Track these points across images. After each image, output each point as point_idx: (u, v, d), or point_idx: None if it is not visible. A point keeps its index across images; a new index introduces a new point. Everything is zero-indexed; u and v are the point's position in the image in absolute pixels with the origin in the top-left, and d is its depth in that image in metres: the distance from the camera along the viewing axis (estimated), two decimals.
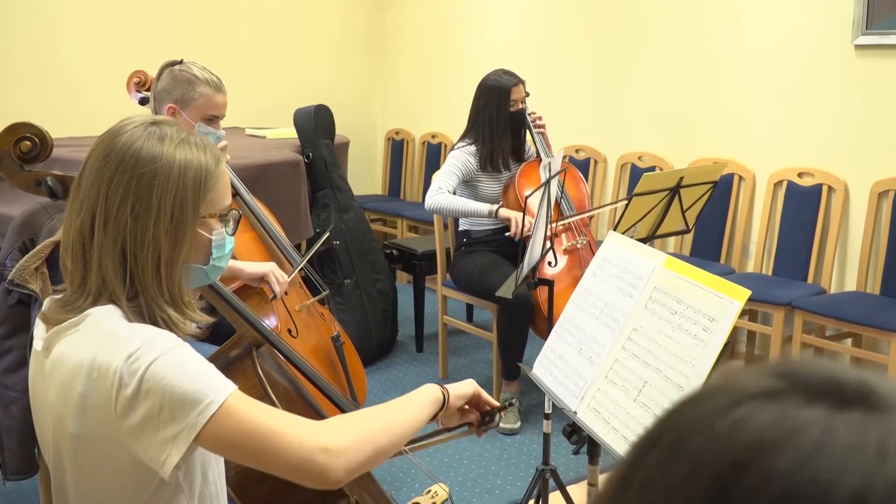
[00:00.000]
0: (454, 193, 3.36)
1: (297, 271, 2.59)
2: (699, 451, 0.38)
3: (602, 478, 2.14)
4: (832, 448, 0.35)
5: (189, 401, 1.08)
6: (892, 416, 0.37)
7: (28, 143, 1.33)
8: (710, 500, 0.36)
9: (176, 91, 2.24)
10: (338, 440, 1.12)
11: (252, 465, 1.14)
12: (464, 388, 1.38)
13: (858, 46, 3.46)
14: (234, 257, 2.40)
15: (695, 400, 0.41)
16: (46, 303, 1.25)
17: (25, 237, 2.24)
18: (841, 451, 0.35)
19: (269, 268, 2.39)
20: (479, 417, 1.43)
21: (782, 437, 0.36)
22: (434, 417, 1.32)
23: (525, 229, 3.02)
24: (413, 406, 1.27)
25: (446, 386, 1.35)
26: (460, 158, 3.38)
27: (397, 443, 1.21)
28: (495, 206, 3.27)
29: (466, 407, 1.41)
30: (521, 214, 3.08)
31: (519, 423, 3.26)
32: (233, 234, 1.29)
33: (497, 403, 1.44)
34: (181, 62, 2.28)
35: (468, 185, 3.44)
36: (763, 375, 0.40)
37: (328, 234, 3.20)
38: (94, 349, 1.12)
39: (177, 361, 1.10)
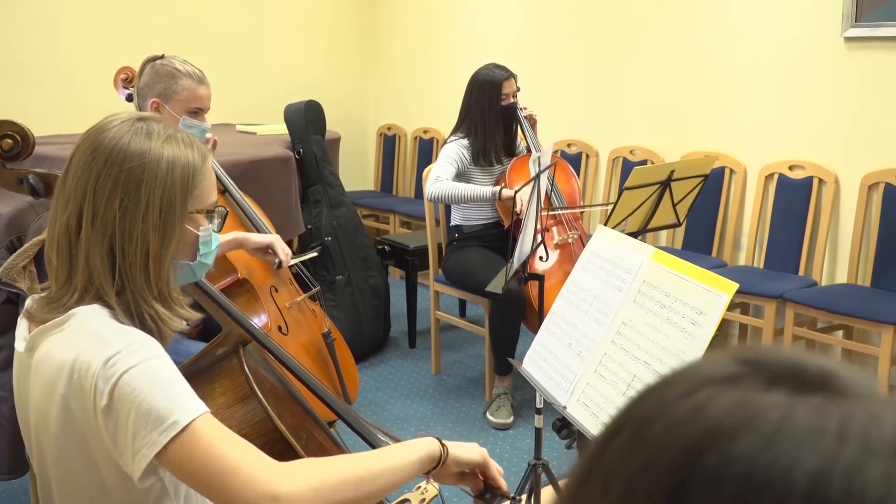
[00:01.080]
0: None
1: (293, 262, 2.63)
2: (659, 437, 0.37)
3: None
4: (791, 431, 0.35)
5: (154, 417, 1.05)
6: (852, 401, 0.37)
7: (9, 141, 1.32)
8: (671, 487, 0.36)
9: (158, 85, 2.23)
10: (291, 487, 1.05)
11: (203, 495, 1.10)
12: (468, 454, 1.24)
13: (848, 39, 3.46)
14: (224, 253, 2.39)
15: (655, 388, 0.41)
16: (29, 301, 1.24)
17: (13, 235, 2.23)
18: (800, 435, 0.35)
19: (274, 238, 2.43)
20: (482, 488, 1.28)
21: (741, 421, 0.36)
22: (426, 473, 1.20)
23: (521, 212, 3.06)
24: (399, 459, 1.16)
25: (449, 444, 1.22)
26: (455, 151, 3.38)
27: (368, 497, 1.11)
28: (497, 188, 3.27)
29: (470, 471, 1.27)
30: (526, 194, 3.09)
31: (512, 418, 3.26)
32: (219, 231, 1.29)
33: (504, 486, 1.27)
34: (162, 56, 2.28)
35: (461, 179, 3.43)
36: (724, 361, 0.40)
37: (315, 253, 3.21)
38: (77, 350, 1.11)
39: (151, 373, 1.08)
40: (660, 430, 0.37)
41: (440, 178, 3.29)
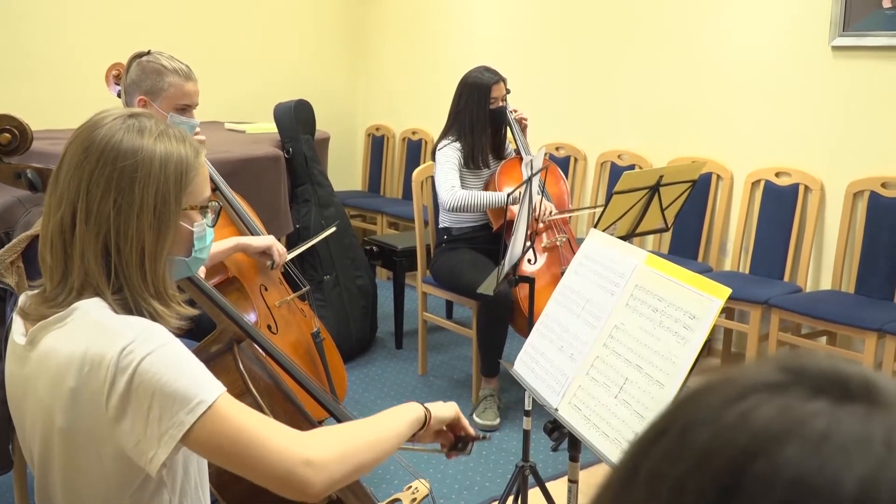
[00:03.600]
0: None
1: (296, 253, 2.71)
2: (708, 441, 0.38)
3: (600, 469, 2.16)
4: (839, 438, 0.36)
5: (179, 399, 1.07)
6: (895, 410, 0.38)
7: (8, 135, 1.31)
8: (722, 489, 0.37)
9: (145, 82, 2.22)
10: (321, 453, 1.12)
11: (234, 470, 1.13)
12: (445, 412, 1.38)
13: (836, 48, 3.50)
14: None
15: (701, 392, 0.42)
16: (23, 298, 1.23)
17: (0, 231, 2.21)
18: (848, 442, 0.36)
19: (271, 240, 2.54)
20: (453, 441, 1.43)
21: (789, 428, 0.37)
22: (413, 437, 1.33)
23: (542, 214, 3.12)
24: (395, 424, 1.28)
25: (429, 406, 1.35)
26: (452, 155, 3.39)
27: (377, 459, 1.23)
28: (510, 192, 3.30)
29: (443, 429, 1.41)
30: (540, 197, 3.13)
31: (498, 420, 3.27)
32: (213, 226, 1.29)
33: (473, 433, 1.44)
34: (148, 53, 2.26)
35: None
36: (769, 369, 0.41)
37: (332, 229, 3.17)
38: (86, 342, 1.10)
39: (169, 357, 1.10)
40: (708, 434, 0.38)
41: (454, 188, 3.32)
